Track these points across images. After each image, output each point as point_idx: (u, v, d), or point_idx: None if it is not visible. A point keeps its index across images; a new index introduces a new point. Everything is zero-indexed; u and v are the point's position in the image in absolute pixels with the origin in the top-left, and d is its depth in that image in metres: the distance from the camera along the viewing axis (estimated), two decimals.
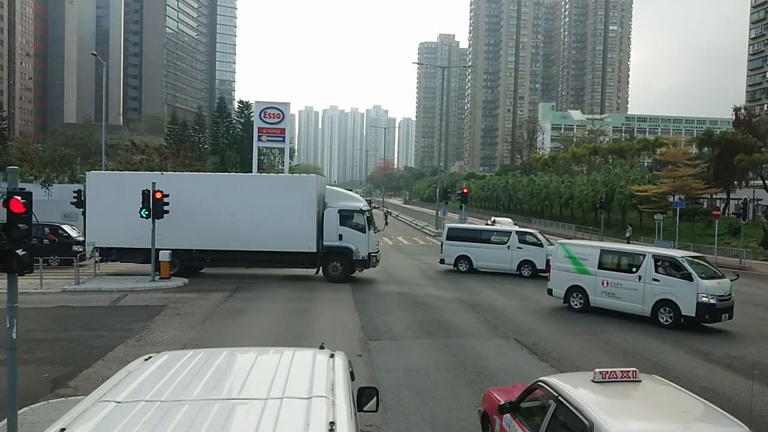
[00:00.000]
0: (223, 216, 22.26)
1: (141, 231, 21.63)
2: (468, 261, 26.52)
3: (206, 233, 22.29)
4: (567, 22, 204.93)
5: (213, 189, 23.23)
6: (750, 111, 76.05)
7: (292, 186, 23.40)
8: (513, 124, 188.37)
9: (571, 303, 17.96)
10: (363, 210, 22.92)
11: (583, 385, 5.58)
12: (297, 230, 22.14)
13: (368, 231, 22.57)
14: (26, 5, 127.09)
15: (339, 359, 4.74)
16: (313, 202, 22.34)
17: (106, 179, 24.68)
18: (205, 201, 22.47)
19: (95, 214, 22.93)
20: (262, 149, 70.80)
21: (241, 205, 22.39)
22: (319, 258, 22.58)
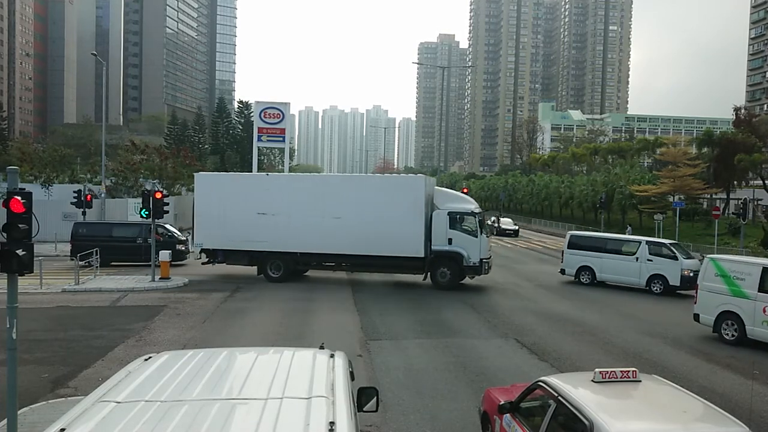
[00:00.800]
0: (327, 218, 21.33)
1: (246, 232, 21.63)
2: (590, 272, 23.91)
3: (310, 236, 21.45)
4: (567, 22, 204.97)
5: (317, 190, 22.41)
6: (750, 111, 76.06)
7: (399, 187, 22.19)
8: (513, 124, 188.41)
9: (723, 333, 14.82)
10: (474, 212, 21.38)
11: (583, 385, 5.58)
12: (404, 234, 20.86)
13: (480, 235, 21.05)
14: (26, 5, 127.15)
15: (339, 359, 4.74)
16: (421, 203, 20.90)
17: (211, 180, 24.51)
18: (310, 202, 21.64)
19: (202, 215, 22.64)
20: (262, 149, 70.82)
21: (346, 206, 21.35)
22: (426, 263, 21.19)
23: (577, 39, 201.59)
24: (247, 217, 21.79)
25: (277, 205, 21.45)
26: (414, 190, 21.25)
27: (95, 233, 26.84)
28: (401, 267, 21.73)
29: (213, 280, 22.88)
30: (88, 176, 49.33)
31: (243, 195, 22.12)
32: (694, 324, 15.57)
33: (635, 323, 16.76)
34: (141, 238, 26.57)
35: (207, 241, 22.72)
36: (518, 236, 51.10)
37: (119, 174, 44.52)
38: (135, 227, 28.04)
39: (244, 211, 21.74)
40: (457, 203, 21.88)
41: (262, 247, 21.86)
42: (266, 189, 22.17)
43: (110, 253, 25.88)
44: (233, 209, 21.93)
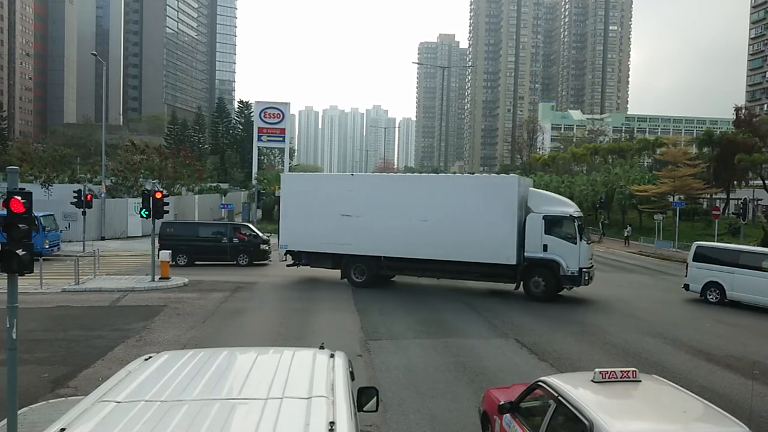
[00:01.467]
0: (413, 221, 20.19)
1: (330, 235, 21.11)
2: (719, 289, 20.57)
3: (395, 239, 20.51)
4: (567, 22, 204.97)
5: (403, 190, 21.20)
6: (750, 111, 76.06)
7: (490, 187, 20.44)
8: (513, 124, 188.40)
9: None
10: (574, 216, 19.38)
11: (583, 385, 5.58)
12: (494, 238, 19.35)
13: (579, 241, 19.05)
14: (26, 5, 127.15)
15: (339, 359, 4.74)
16: (513, 205, 19.26)
17: (297, 180, 24.14)
18: (395, 204, 20.63)
19: (287, 216, 22.39)
20: (262, 149, 70.96)
21: (433, 208, 20.09)
22: (519, 272, 19.49)
23: (577, 39, 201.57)
24: (330, 218, 21.18)
25: (361, 207, 20.76)
26: (506, 191, 19.59)
27: (182, 233, 27.59)
28: (491, 275, 20.14)
29: (213, 280, 22.87)
30: (88, 176, 49.32)
31: (327, 196, 21.55)
32: None
33: None
34: (227, 238, 27.11)
35: (291, 243, 22.24)
36: None
37: (119, 174, 44.53)
38: (221, 227, 28.87)
39: (327, 212, 21.16)
40: (554, 206, 19.89)
41: (346, 250, 21.23)
42: (350, 189, 21.41)
43: (196, 253, 26.78)
44: (317, 210, 21.44)
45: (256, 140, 58.98)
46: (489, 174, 34.86)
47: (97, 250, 24.20)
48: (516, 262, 19.33)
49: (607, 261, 33.90)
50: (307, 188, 22.80)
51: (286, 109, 59.30)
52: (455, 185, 21.26)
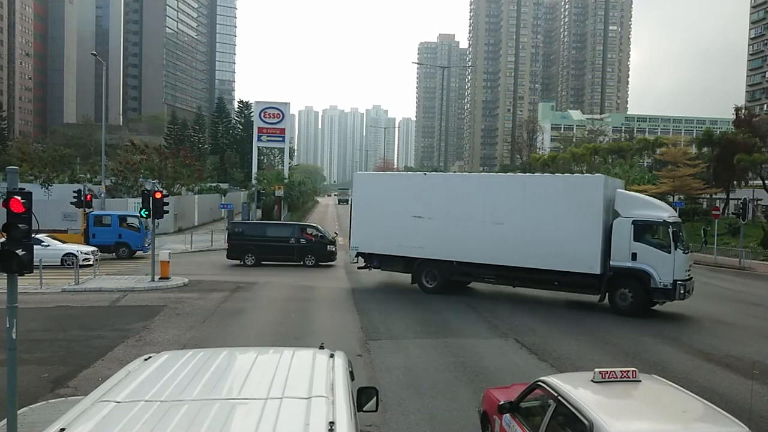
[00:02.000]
0: (487, 224, 18.97)
1: (402, 237, 20.29)
2: None
3: (468, 243, 19.32)
4: (567, 22, 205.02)
5: (477, 191, 19.86)
6: (750, 111, 76.08)
7: (572, 188, 18.68)
8: (513, 124, 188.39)
9: None
10: (668, 222, 17.37)
11: (583, 385, 5.58)
12: (575, 245, 17.70)
13: (674, 250, 17.04)
14: (26, 5, 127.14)
15: (339, 359, 4.74)
16: (598, 208, 17.49)
17: (368, 179, 23.49)
18: (468, 205, 19.42)
19: (358, 217, 21.67)
20: (261, 149, 70.96)
21: (509, 210, 18.75)
22: (603, 283, 17.62)
23: (577, 39, 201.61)
24: (402, 220, 20.32)
25: (434, 208, 19.80)
26: (590, 193, 17.82)
27: (250, 233, 27.80)
28: (572, 285, 18.42)
29: (212, 280, 22.87)
30: (87, 176, 49.32)
31: (399, 196, 20.73)
32: None
33: None
34: (294, 238, 27.17)
35: (363, 245, 21.47)
36: None
37: (119, 174, 44.56)
38: (288, 227, 28.95)
39: (399, 213, 20.32)
40: (646, 209, 17.81)
41: (417, 254, 20.30)
42: (422, 190, 20.51)
43: (264, 253, 27.02)
44: (389, 211, 20.63)
45: (256, 140, 58.98)
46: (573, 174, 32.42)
47: (97, 249, 24.22)
48: (600, 271, 17.50)
49: None
50: (378, 188, 21.99)
51: (285, 109, 59.30)
52: (533, 185, 19.55)
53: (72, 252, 25.46)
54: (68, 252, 25.66)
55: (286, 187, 51.87)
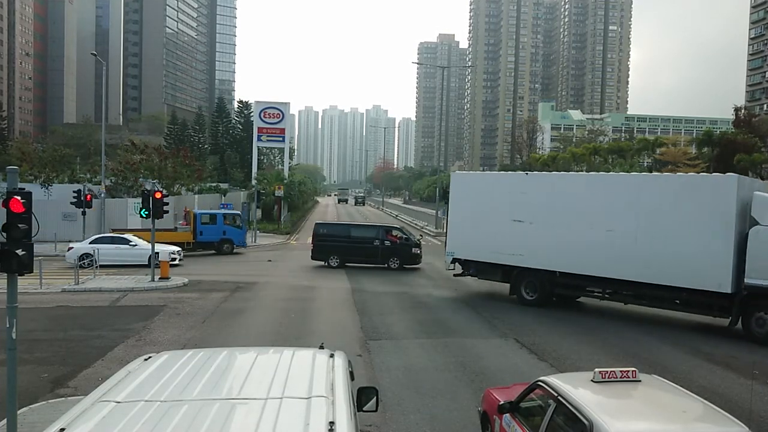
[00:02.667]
0: (596, 230, 16.69)
1: (500, 243, 18.58)
2: None
3: (574, 252, 17.17)
4: (567, 22, 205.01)
5: (585, 193, 17.54)
6: (750, 111, 76.12)
7: (698, 190, 15.87)
8: (513, 124, 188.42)
9: None
10: None
11: (583, 385, 5.58)
12: (699, 257, 15.13)
13: None
14: (26, 5, 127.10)
15: (339, 359, 4.74)
16: (730, 214, 14.79)
17: (466, 180, 21.85)
18: (574, 208, 17.35)
19: (455, 220, 20.35)
20: (261, 149, 70.94)
21: (621, 215, 16.40)
22: (735, 303, 14.78)
23: (577, 39, 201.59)
24: (501, 224, 18.62)
25: (535, 212, 17.93)
26: (720, 195, 15.10)
27: (335, 233, 27.75)
28: (695, 305, 15.73)
29: (212, 280, 22.87)
30: (87, 176, 49.26)
31: (498, 198, 19.04)
32: None
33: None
34: (378, 240, 26.87)
35: (459, 250, 19.96)
36: None
37: (119, 174, 44.51)
38: (373, 229, 28.60)
39: (498, 216, 18.68)
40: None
41: (517, 262, 18.42)
42: (523, 191, 18.54)
43: (348, 254, 26.93)
44: (487, 214, 19.08)
45: (256, 140, 59.00)
46: (697, 173, 28.49)
47: (97, 249, 24.21)
48: (731, 290, 14.66)
49: None
50: (475, 188, 20.45)
51: (285, 109, 59.31)
52: (651, 186, 16.88)
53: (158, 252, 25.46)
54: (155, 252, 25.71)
55: (286, 187, 51.87)
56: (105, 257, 23.99)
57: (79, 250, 24.25)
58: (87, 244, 25.11)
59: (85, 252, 23.72)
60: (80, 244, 25.83)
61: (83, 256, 23.56)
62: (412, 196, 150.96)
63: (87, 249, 23.63)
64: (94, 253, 22.89)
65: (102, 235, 27.95)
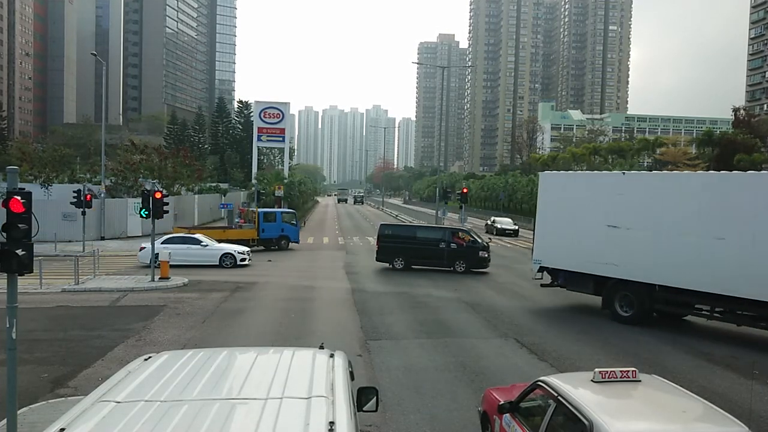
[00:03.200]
0: (703, 238, 14.43)
1: (593, 251, 16.80)
2: None
3: (675, 263, 14.99)
4: (567, 22, 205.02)
5: (693, 195, 15.05)
6: (749, 111, 76.14)
7: None
8: (513, 124, 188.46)
9: None
10: None
11: (583, 385, 5.58)
12: None
13: None
14: (26, 5, 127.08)
15: (339, 359, 4.74)
16: None
17: (556, 180, 19.57)
18: (678, 213, 15.15)
19: (543, 225, 18.74)
20: (261, 149, 70.99)
21: (734, 221, 13.99)
22: None
23: (577, 39, 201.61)
24: (594, 229, 16.77)
25: (633, 216, 15.98)
26: None
27: (400, 235, 27.39)
28: None
29: (212, 280, 22.86)
30: (87, 176, 49.28)
31: (590, 200, 17.19)
32: None
33: None
34: (444, 242, 26.13)
35: (547, 258, 18.35)
36: (518, 236, 51.14)
37: (119, 174, 44.52)
38: (439, 230, 27.86)
39: (590, 221, 16.87)
40: None
41: (611, 273, 16.46)
42: (620, 193, 16.54)
43: (413, 256, 26.41)
44: (578, 218, 17.32)
45: (256, 140, 59.06)
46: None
47: (97, 250, 24.23)
48: None
49: None
50: (566, 190, 18.58)
51: (285, 109, 59.33)
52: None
53: (230, 252, 26.14)
54: (226, 252, 26.25)
55: (286, 187, 51.88)
56: (176, 257, 24.03)
57: (150, 251, 23.95)
58: (159, 244, 24.82)
59: (157, 252, 23.54)
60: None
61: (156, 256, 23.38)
62: (412, 196, 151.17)
63: (159, 249, 23.42)
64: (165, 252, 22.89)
65: (173, 234, 28.08)
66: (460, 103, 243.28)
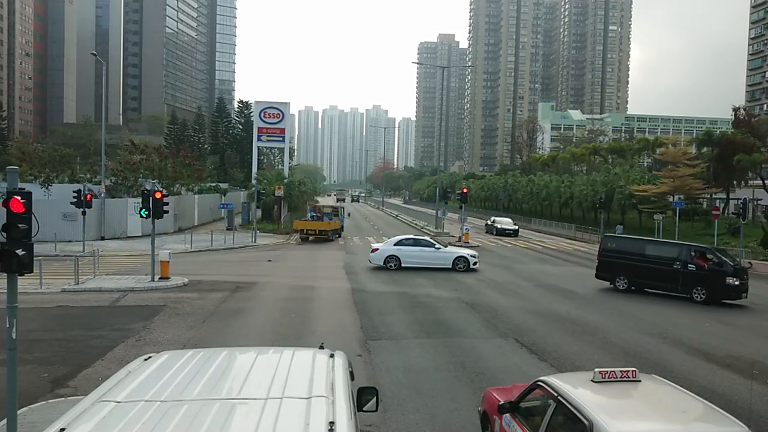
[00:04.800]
0: None
1: None
2: None
3: None
4: (567, 22, 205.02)
5: None
6: (749, 111, 76.12)
7: None
8: (513, 124, 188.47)
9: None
10: None
11: (583, 385, 5.58)
12: None
13: None
14: (26, 5, 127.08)
15: (339, 359, 4.74)
16: None
17: None
18: None
19: None
20: (261, 149, 70.89)
21: None
22: None
23: (577, 39, 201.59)
24: None
25: None
26: None
27: (625, 249, 23.18)
28: None
29: (212, 280, 22.85)
30: (87, 176, 49.24)
31: None
32: None
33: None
34: (680, 262, 21.28)
35: None
36: (518, 236, 51.14)
37: (119, 174, 44.50)
38: (674, 247, 22.93)
39: None
40: None
41: None
42: None
43: (639, 276, 22.43)
44: None
45: (256, 140, 58.96)
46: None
47: (97, 250, 24.21)
48: None
49: None
50: None
51: (285, 109, 59.24)
52: None
53: (464, 256, 26.16)
54: (460, 255, 26.32)
55: (286, 187, 51.81)
56: (409, 259, 24.27)
57: (385, 252, 24.59)
58: (392, 246, 25.26)
59: (391, 254, 23.85)
60: (385, 245, 26.51)
61: (388, 258, 23.64)
62: (412, 196, 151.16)
63: (392, 251, 23.75)
64: (399, 255, 23.50)
65: (406, 236, 28.32)
66: (460, 103, 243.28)
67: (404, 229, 56.45)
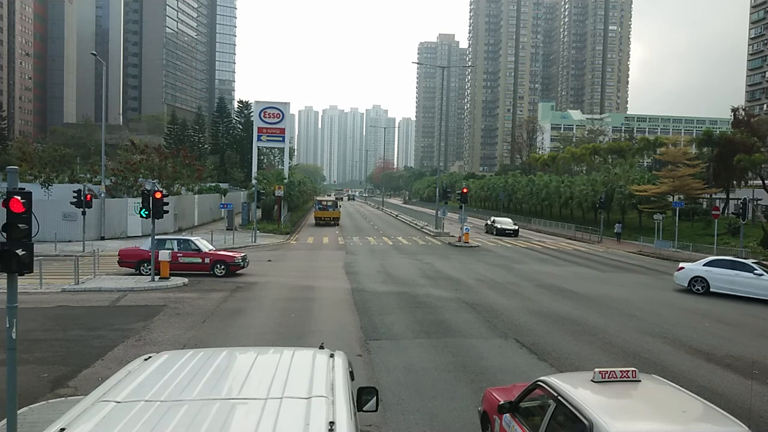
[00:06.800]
0: None
1: None
2: None
3: None
4: (567, 22, 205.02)
5: None
6: (749, 111, 76.08)
7: None
8: (513, 124, 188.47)
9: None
10: None
11: (583, 385, 5.58)
12: None
13: None
14: (26, 5, 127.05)
15: (339, 359, 4.74)
16: None
17: None
18: None
19: None
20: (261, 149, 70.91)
21: None
22: None
23: (577, 39, 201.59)
24: None
25: None
26: None
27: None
28: None
29: (212, 280, 22.85)
30: (87, 176, 49.26)
31: None
32: None
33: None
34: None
35: None
36: (518, 236, 51.14)
37: (119, 174, 44.50)
38: None
39: None
40: None
41: None
42: None
43: None
44: None
45: (256, 140, 58.96)
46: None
47: (97, 250, 24.22)
48: None
49: (606, 261, 33.92)
50: None
51: (285, 109, 59.24)
52: None
53: None
54: None
55: (286, 186, 51.84)
56: (720, 284, 21.06)
57: (691, 272, 21.74)
58: (701, 266, 21.91)
59: (697, 275, 21.11)
60: (693, 265, 22.77)
61: (694, 279, 20.99)
62: (412, 196, 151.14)
63: (700, 272, 21.09)
64: (707, 276, 20.54)
65: (721, 257, 23.58)
66: (460, 103, 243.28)
67: (404, 229, 56.48)
